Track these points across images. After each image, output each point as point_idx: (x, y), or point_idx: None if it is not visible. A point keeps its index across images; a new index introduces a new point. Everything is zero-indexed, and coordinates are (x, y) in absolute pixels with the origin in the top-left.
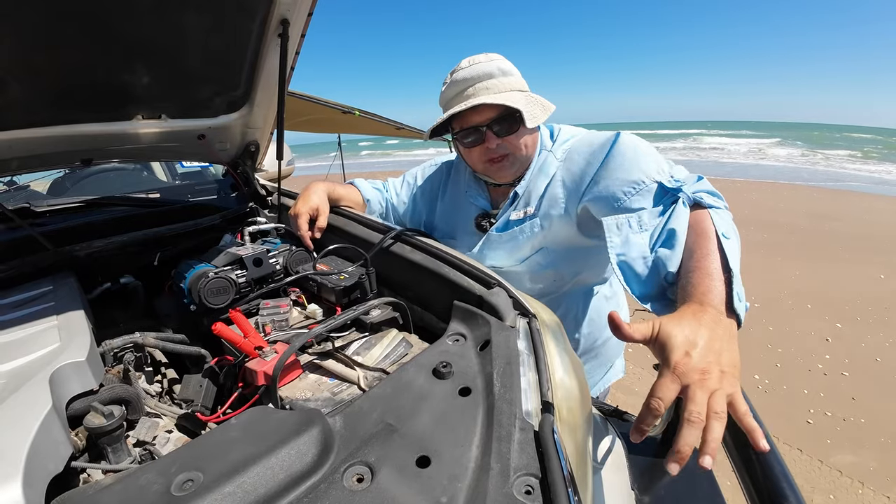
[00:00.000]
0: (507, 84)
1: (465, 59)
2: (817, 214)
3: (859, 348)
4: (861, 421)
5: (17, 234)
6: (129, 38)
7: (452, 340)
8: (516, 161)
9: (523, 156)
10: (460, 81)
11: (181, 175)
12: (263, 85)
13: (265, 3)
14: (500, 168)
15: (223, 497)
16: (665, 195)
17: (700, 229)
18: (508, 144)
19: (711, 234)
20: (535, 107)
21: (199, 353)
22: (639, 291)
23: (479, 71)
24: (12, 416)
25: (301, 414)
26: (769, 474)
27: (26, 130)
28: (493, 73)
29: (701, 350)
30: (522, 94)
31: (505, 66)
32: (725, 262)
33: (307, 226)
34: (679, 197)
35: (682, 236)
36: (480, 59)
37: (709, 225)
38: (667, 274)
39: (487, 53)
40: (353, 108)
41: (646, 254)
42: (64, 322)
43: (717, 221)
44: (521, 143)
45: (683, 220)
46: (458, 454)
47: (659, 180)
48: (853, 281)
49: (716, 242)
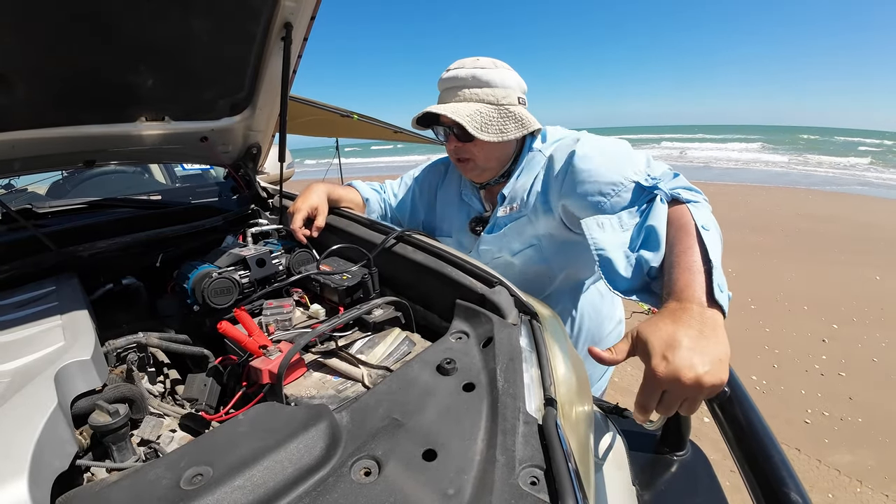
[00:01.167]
0: (474, 94)
1: (458, 60)
2: (812, 216)
3: (856, 349)
4: (858, 420)
5: (20, 235)
6: (134, 41)
7: (455, 338)
8: (476, 166)
9: (484, 162)
10: (442, 81)
11: (181, 178)
12: (266, 88)
13: (269, 7)
14: (464, 169)
15: (233, 490)
16: (643, 193)
17: (679, 224)
18: (467, 150)
19: (691, 228)
20: (504, 122)
21: (201, 353)
22: (623, 287)
23: (456, 76)
24: (18, 414)
25: (308, 409)
26: (769, 463)
27: (30, 131)
28: (465, 82)
29: (681, 352)
30: (490, 107)
31: (485, 75)
32: (706, 255)
33: (302, 222)
34: (656, 194)
35: (662, 232)
36: (466, 63)
37: (688, 219)
38: (649, 269)
39: (479, 58)
40: (351, 112)
41: (628, 252)
42: (68, 321)
43: (696, 215)
44: (479, 152)
45: (662, 217)
46: (463, 447)
47: (636, 180)
48: (849, 282)
49: (695, 236)
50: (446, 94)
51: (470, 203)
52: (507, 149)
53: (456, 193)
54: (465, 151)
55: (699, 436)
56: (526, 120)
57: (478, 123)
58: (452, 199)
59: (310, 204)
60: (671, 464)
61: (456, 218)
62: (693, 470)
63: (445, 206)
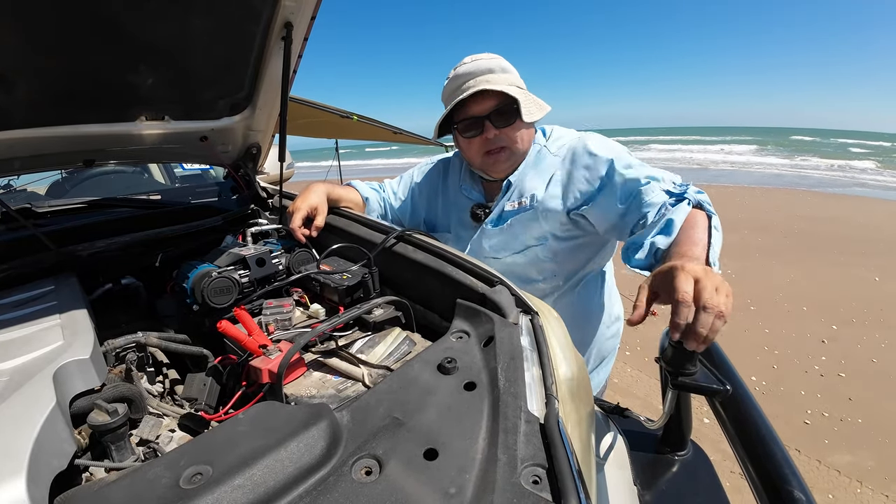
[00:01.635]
0: (505, 79)
1: (468, 56)
2: (811, 218)
3: (855, 350)
4: (858, 421)
5: (19, 235)
6: (134, 40)
7: (456, 337)
8: (512, 155)
9: (519, 149)
10: (462, 75)
11: (180, 178)
12: (266, 88)
13: (270, 7)
14: (497, 161)
15: (233, 489)
16: (672, 196)
17: (695, 220)
18: (506, 136)
19: (704, 225)
20: (531, 104)
21: (201, 353)
22: (632, 265)
23: (481, 66)
24: (16, 413)
25: (309, 408)
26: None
27: (30, 130)
28: (493, 69)
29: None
30: (520, 90)
31: (504, 64)
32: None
33: (301, 221)
34: (686, 198)
35: (678, 226)
36: (483, 56)
37: (703, 218)
38: (657, 251)
39: (489, 53)
40: (350, 113)
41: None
42: (67, 321)
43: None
44: (518, 137)
45: (683, 215)
46: (465, 446)
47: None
48: (848, 283)
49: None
50: (473, 84)
51: (469, 196)
52: (532, 134)
53: (455, 190)
54: (502, 139)
55: (699, 437)
56: (541, 104)
57: (526, 106)
58: (452, 197)
59: (309, 203)
60: (672, 463)
61: (454, 212)
62: (694, 470)
63: (446, 203)
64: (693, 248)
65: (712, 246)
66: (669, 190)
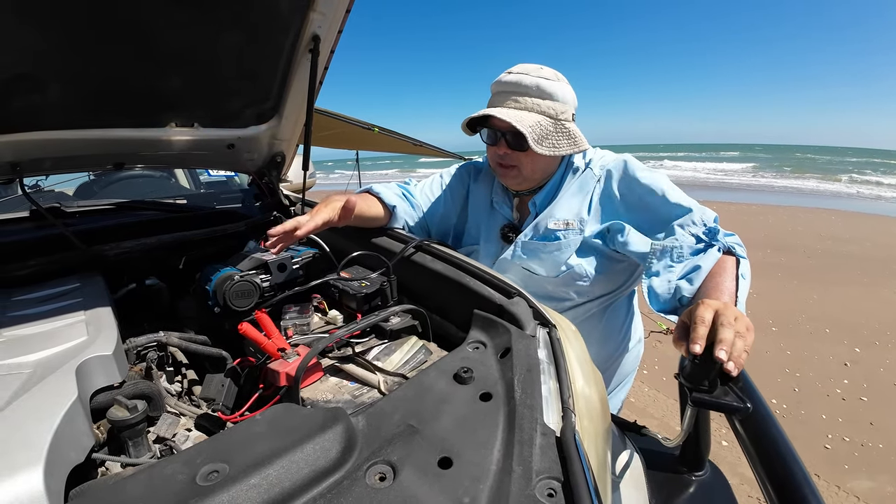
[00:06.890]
0: (536, 105)
1: (520, 64)
2: (833, 237)
3: (878, 373)
4: (879, 446)
5: (48, 233)
6: (167, 49)
7: (473, 348)
8: (520, 175)
9: (529, 173)
10: (501, 84)
11: (205, 184)
12: (292, 98)
13: (298, 20)
14: (506, 175)
15: (249, 488)
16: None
17: (724, 267)
18: (514, 158)
19: (732, 274)
20: (558, 137)
21: (220, 354)
22: (657, 308)
23: (519, 81)
24: (38, 405)
25: (325, 412)
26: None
27: (62, 132)
28: (529, 90)
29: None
30: (548, 120)
31: (548, 86)
32: (736, 289)
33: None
34: (715, 243)
35: (705, 273)
36: (530, 69)
37: (732, 265)
38: (681, 297)
39: (543, 67)
40: (372, 125)
41: (671, 280)
42: (91, 317)
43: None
44: (528, 162)
45: (712, 262)
46: (479, 456)
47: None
48: (871, 304)
49: (734, 279)
50: (503, 98)
51: (500, 211)
52: (553, 163)
53: (486, 200)
54: (513, 159)
55: (717, 459)
56: (578, 138)
57: (536, 135)
58: (483, 206)
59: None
60: (689, 484)
61: (485, 225)
62: (711, 491)
63: (476, 212)
64: (720, 296)
65: (739, 293)
66: (698, 235)
